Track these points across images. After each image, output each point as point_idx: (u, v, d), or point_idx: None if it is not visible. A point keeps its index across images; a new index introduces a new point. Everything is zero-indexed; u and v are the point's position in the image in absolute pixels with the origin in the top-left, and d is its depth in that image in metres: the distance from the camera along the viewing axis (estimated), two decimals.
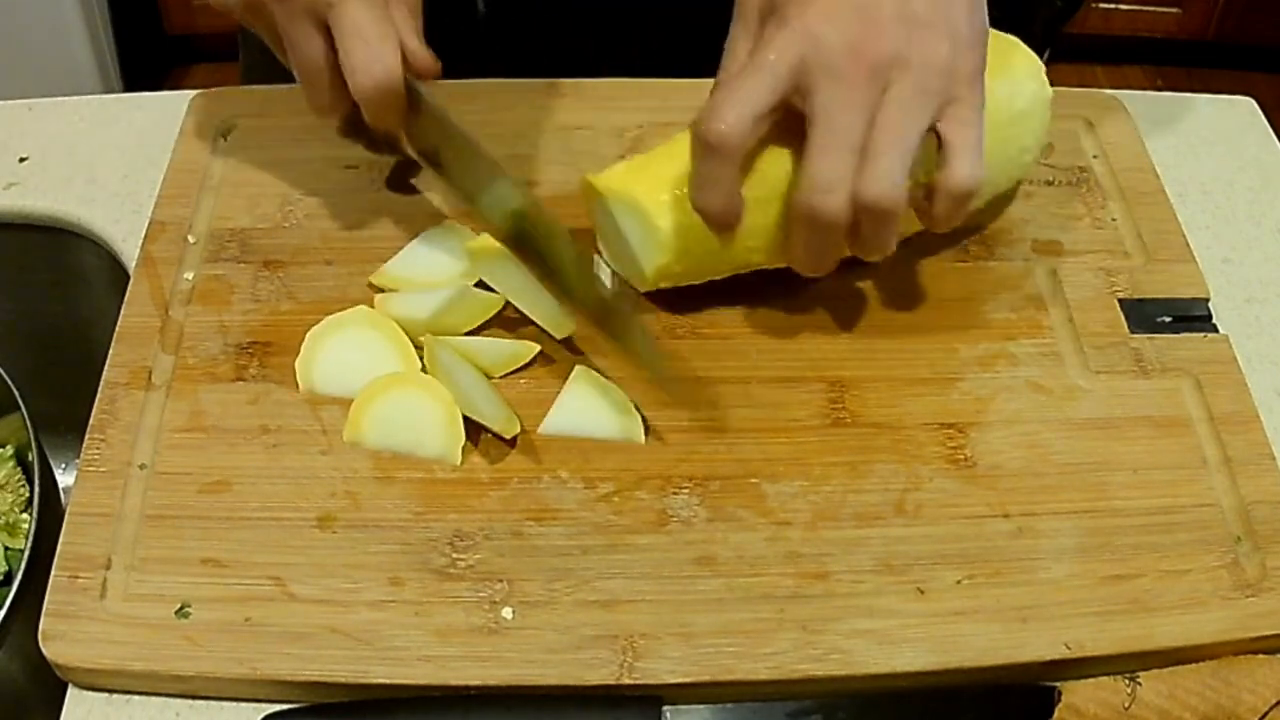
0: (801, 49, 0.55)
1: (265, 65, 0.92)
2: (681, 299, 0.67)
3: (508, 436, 0.60)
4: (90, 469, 0.59)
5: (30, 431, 0.64)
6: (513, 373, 0.63)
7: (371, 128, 0.63)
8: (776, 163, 0.60)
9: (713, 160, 0.56)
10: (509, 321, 0.65)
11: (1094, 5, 2.27)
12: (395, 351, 0.63)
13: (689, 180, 0.58)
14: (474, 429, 0.61)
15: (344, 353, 0.63)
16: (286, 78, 0.78)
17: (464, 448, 0.60)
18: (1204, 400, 0.64)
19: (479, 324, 0.65)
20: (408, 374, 0.62)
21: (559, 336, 0.64)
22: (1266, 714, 0.54)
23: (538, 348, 0.63)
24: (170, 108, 0.77)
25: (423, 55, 0.62)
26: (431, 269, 0.66)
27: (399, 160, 0.73)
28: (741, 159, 0.57)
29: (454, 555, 0.57)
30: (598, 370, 0.63)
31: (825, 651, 0.55)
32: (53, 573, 0.55)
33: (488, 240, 0.64)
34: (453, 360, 0.62)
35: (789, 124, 0.57)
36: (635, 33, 0.79)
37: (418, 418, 0.60)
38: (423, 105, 0.62)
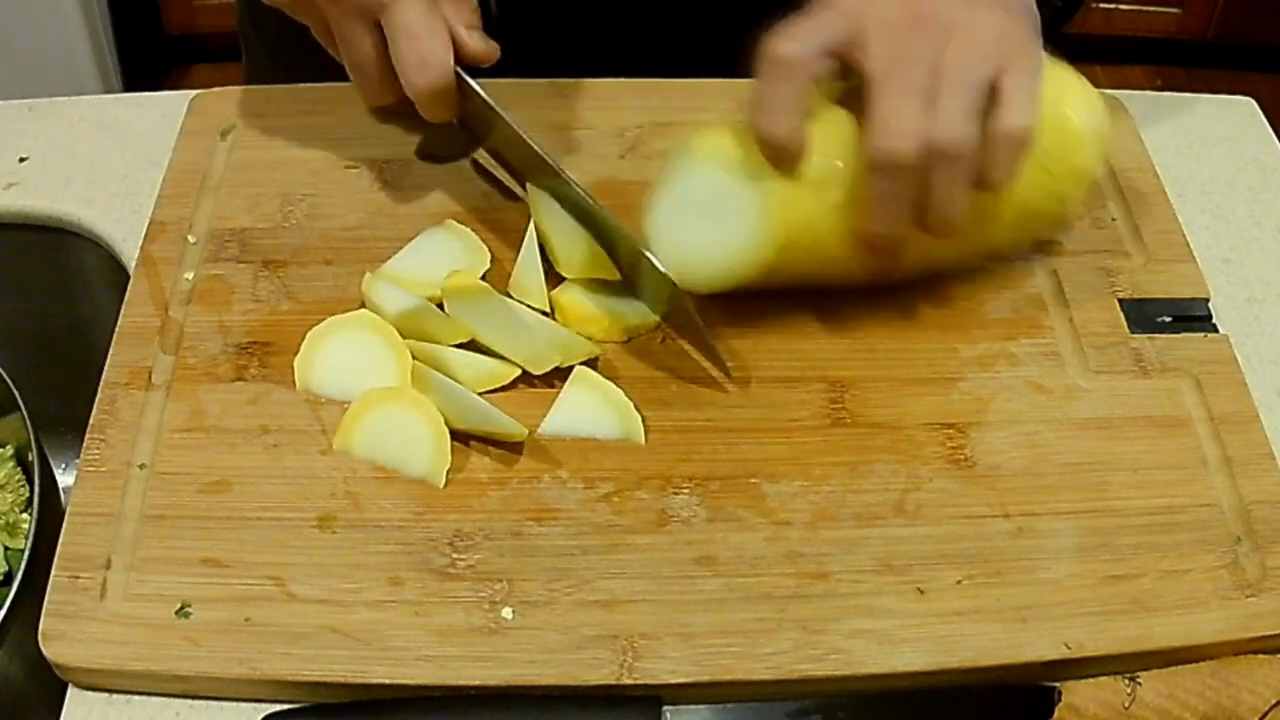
0: (858, 8, 0.57)
1: (270, 65, 0.92)
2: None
3: (517, 440, 0.60)
4: (90, 469, 0.59)
5: (30, 431, 0.64)
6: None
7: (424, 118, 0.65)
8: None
9: (780, 80, 0.57)
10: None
11: (1094, 5, 2.26)
12: (393, 356, 0.62)
13: (752, 105, 0.58)
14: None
15: (342, 355, 0.63)
16: (292, 78, 0.78)
17: (463, 448, 0.60)
18: (1204, 400, 0.64)
19: (452, 344, 0.63)
20: (403, 389, 0.61)
21: (536, 372, 0.62)
22: (1266, 714, 0.54)
23: (518, 371, 0.63)
24: (170, 108, 0.77)
25: (475, 44, 0.64)
26: (431, 269, 0.66)
27: (401, 159, 0.73)
28: (806, 84, 0.57)
29: (454, 555, 0.57)
30: (597, 371, 0.63)
31: (825, 651, 0.55)
32: (53, 573, 0.55)
33: (463, 279, 0.63)
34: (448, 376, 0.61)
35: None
36: (639, 33, 0.79)
37: (407, 436, 0.59)
38: (470, 96, 0.64)
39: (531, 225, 0.66)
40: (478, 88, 0.64)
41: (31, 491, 0.69)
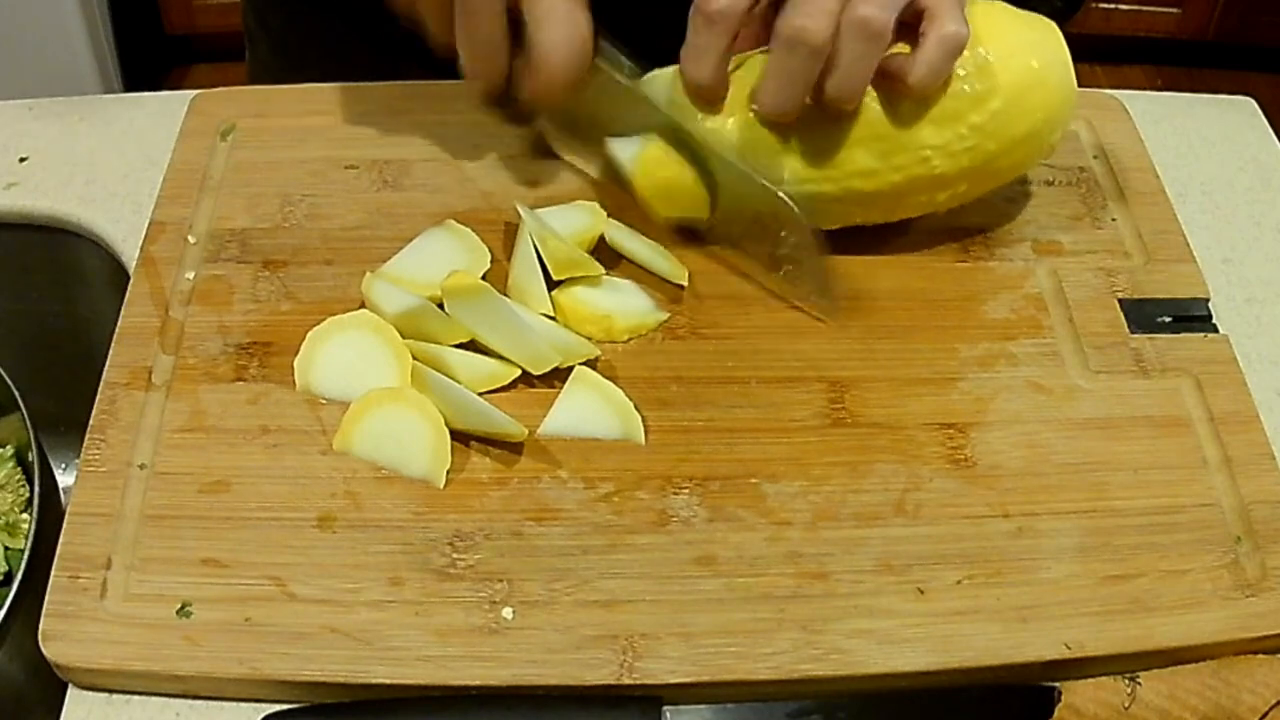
0: None
1: (274, 62, 0.92)
2: (683, 297, 0.67)
3: (517, 441, 0.60)
4: (90, 469, 0.59)
5: (30, 431, 0.64)
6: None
7: (521, 100, 0.66)
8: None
9: (709, 31, 0.60)
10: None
11: (1094, 5, 2.27)
12: (393, 356, 0.62)
13: (682, 52, 0.62)
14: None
15: (342, 355, 0.63)
16: (295, 75, 0.78)
17: (463, 448, 0.60)
18: (1204, 400, 0.64)
19: (452, 344, 0.63)
20: (402, 390, 0.61)
21: (536, 373, 0.62)
22: (1266, 714, 0.54)
23: (518, 371, 0.63)
24: (170, 108, 0.77)
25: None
26: (431, 269, 0.66)
27: (401, 159, 0.73)
28: (734, 35, 0.60)
29: (454, 555, 0.57)
30: (597, 371, 0.63)
31: (825, 651, 0.55)
32: (53, 573, 0.55)
33: (463, 279, 0.63)
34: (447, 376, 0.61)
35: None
36: (639, 33, 0.80)
37: (407, 436, 0.59)
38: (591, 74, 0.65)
39: (527, 231, 0.66)
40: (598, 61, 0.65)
41: (31, 491, 0.69)
